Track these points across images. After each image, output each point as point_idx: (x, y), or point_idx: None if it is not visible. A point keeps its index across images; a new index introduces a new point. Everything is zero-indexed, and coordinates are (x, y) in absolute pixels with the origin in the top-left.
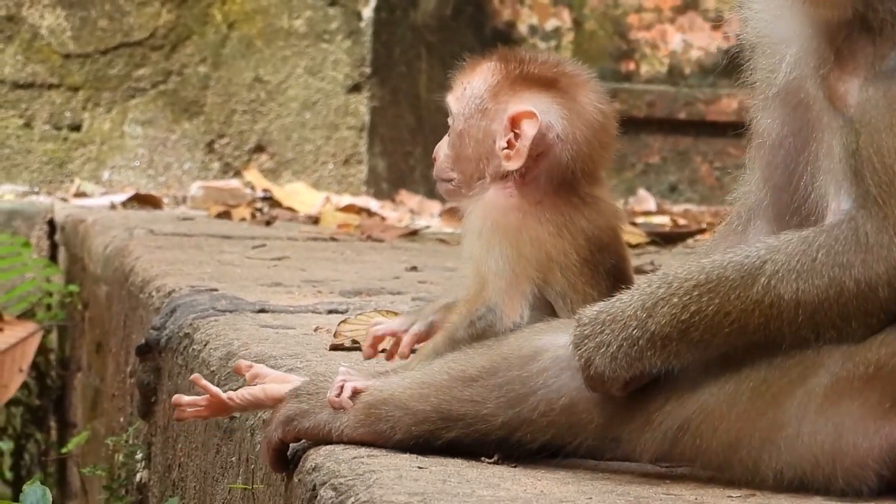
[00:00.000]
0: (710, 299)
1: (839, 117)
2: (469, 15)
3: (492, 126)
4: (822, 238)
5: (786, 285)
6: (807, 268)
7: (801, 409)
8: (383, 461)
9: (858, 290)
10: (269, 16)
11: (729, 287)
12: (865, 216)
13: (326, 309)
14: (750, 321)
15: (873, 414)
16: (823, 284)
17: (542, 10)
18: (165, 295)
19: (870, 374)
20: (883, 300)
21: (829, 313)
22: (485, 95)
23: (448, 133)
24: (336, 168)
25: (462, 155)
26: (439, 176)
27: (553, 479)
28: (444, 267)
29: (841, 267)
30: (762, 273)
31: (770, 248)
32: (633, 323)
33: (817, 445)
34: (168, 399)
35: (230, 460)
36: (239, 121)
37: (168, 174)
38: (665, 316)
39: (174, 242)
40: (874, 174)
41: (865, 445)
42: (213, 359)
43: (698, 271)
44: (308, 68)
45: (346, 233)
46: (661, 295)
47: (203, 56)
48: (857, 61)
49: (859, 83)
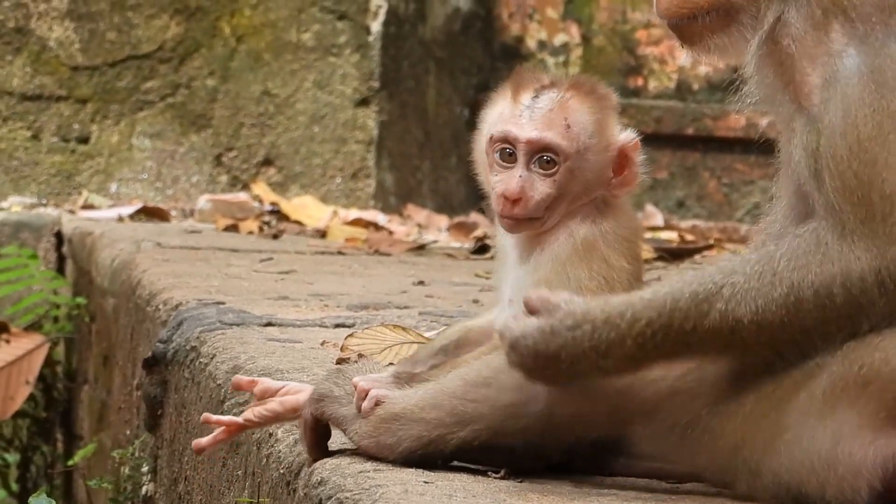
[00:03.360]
0: (664, 336)
1: (803, 116)
2: (477, 30)
3: (602, 158)
4: (784, 248)
5: (744, 308)
6: (767, 281)
7: (803, 413)
8: (389, 476)
9: (816, 298)
10: (277, 29)
11: (683, 319)
12: (825, 224)
13: (333, 323)
14: (709, 350)
15: (869, 423)
16: (783, 295)
17: (551, 25)
18: (172, 308)
19: (866, 381)
20: (840, 306)
21: (790, 329)
22: (592, 129)
23: (528, 168)
24: (344, 182)
25: (567, 191)
26: (529, 215)
27: (559, 494)
28: (451, 281)
29: (799, 271)
30: (719, 298)
31: (726, 272)
32: (586, 361)
33: (814, 451)
34: (175, 412)
35: (236, 473)
36: (247, 134)
37: (176, 187)
38: (619, 359)
39: (181, 255)
40: (832, 179)
41: (860, 455)
42: (219, 372)
43: (648, 306)
44: (316, 82)
45: (354, 247)
46: (613, 339)
47: (211, 69)
48: (816, 61)
49: (821, 81)
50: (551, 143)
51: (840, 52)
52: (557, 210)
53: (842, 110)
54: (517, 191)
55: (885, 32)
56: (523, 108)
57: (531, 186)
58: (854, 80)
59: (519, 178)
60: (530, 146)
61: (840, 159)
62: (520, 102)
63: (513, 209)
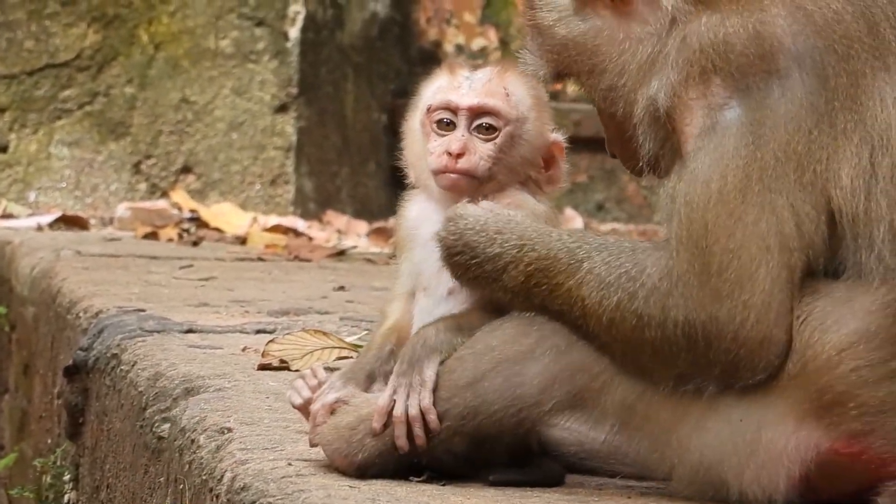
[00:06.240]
0: (540, 279)
1: (678, 163)
2: (395, 35)
3: (538, 139)
4: (628, 257)
5: (590, 290)
6: (608, 281)
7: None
8: (313, 480)
9: (634, 324)
10: (195, 36)
11: (558, 271)
12: (659, 258)
13: (254, 329)
14: (572, 312)
15: (794, 413)
16: (613, 303)
17: (469, 29)
18: (93, 316)
19: (796, 371)
20: (649, 341)
21: (619, 330)
22: (530, 104)
23: (469, 133)
24: (263, 188)
25: (505, 158)
26: (472, 171)
27: (482, 497)
28: (371, 286)
29: (629, 291)
30: (580, 269)
31: (598, 246)
32: (489, 268)
33: (739, 433)
34: (96, 420)
35: (158, 481)
36: (166, 141)
37: (95, 195)
38: (511, 281)
39: (101, 263)
40: (680, 225)
41: (781, 444)
42: (140, 379)
43: (545, 243)
44: (235, 89)
45: (274, 253)
46: (512, 257)
47: (130, 77)
48: (694, 112)
49: (698, 131)
50: (493, 108)
51: (721, 105)
52: (495, 178)
53: (712, 159)
54: (461, 146)
55: (766, 82)
56: (462, 79)
57: (473, 146)
58: (733, 130)
59: (461, 136)
60: (471, 112)
61: (695, 207)
62: (458, 75)
63: (456, 163)
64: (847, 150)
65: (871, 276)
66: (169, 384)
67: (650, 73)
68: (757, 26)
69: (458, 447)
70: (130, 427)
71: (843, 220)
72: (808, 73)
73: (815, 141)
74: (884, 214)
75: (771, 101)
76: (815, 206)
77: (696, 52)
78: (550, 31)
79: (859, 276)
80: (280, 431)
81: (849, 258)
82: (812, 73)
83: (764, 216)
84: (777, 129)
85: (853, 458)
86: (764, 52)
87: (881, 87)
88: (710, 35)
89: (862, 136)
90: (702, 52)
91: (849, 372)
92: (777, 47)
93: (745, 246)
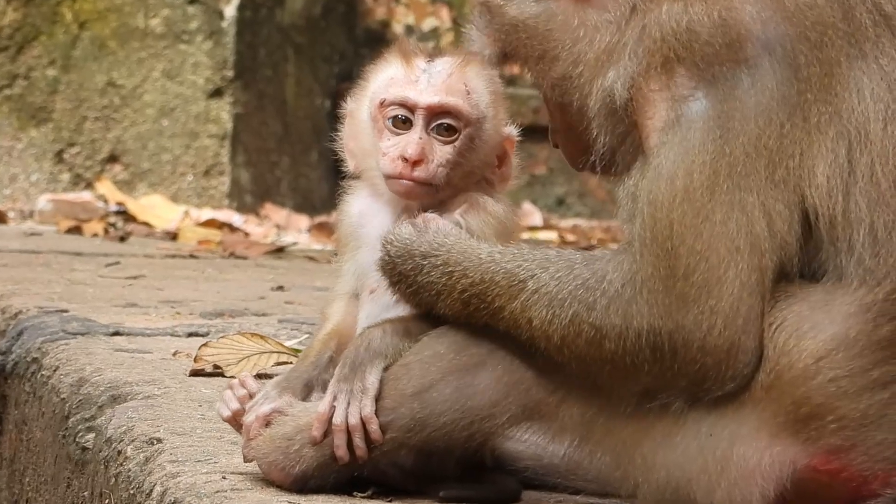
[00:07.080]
0: (478, 304)
1: (641, 159)
2: (340, 14)
3: (496, 137)
4: (583, 268)
5: (539, 309)
6: (560, 296)
7: (707, 408)
8: (249, 495)
9: (591, 338)
10: (123, 14)
11: (496, 294)
12: (620, 262)
13: (186, 332)
14: (519, 334)
15: (768, 428)
16: (566, 319)
17: (420, 9)
18: (11, 317)
19: (770, 384)
20: (608, 355)
21: (572, 348)
22: (489, 101)
23: (427, 133)
24: (196, 180)
25: (464, 161)
26: (430, 179)
27: None
28: (312, 286)
29: (586, 306)
30: (523, 290)
31: (542, 262)
32: (425, 296)
33: (710, 448)
34: (15, 429)
35: (82, 495)
36: (91, 128)
37: (14, 186)
38: (448, 309)
39: (21, 260)
40: (643, 226)
41: (755, 460)
42: (63, 385)
43: (476, 267)
44: (166, 71)
45: (208, 249)
46: (443, 286)
47: (52, 58)
48: (657, 105)
49: (662, 125)
50: (454, 108)
51: (686, 97)
52: (451, 183)
53: (677, 154)
54: (418, 152)
55: (734, 72)
56: (420, 73)
57: (431, 150)
58: (699, 123)
59: (419, 139)
60: (430, 111)
61: (659, 206)
62: (415, 66)
63: (412, 171)
64: (822, 145)
65: (850, 282)
66: (94, 391)
67: (607, 63)
68: (723, 13)
69: (404, 460)
70: (52, 437)
71: (819, 223)
72: (779, 63)
73: (787, 135)
74: (864, 216)
75: (739, 92)
76: (787, 205)
77: (657, 41)
78: (500, 9)
79: (839, 281)
80: (213, 442)
81: (827, 263)
82: (783, 62)
83: (733, 215)
84: (746, 122)
85: (832, 475)
86: (731, 40)
87: (858, 77)
88: (673, 23)
89: (838, 131)
90: (664, 41)
91: (827, 382)
92: (745, 35)
93: (712, 247)
